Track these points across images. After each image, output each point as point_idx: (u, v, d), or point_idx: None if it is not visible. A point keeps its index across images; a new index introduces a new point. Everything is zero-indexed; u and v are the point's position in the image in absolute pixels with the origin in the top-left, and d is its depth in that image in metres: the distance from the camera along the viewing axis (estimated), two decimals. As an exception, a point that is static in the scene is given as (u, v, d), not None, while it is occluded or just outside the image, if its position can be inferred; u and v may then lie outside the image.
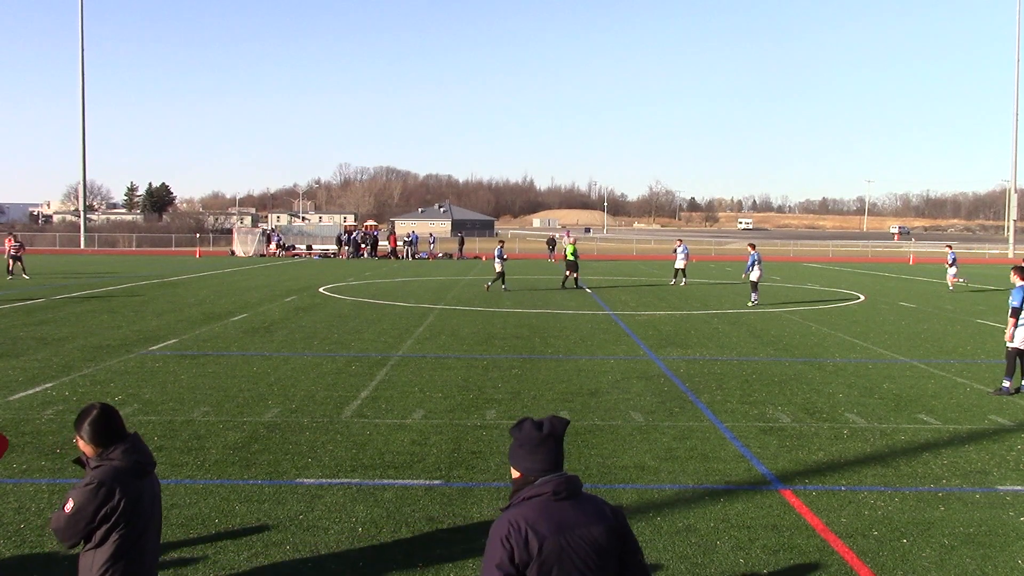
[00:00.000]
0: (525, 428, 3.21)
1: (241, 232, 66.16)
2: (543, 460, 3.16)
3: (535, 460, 3.16)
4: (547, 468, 3.16)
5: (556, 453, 3.17)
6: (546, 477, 3.14)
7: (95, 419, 3.83)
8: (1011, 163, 74.99)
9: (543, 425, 3.20)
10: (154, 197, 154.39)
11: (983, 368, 14.10)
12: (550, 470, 3.16)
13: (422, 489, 7.42)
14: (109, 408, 3.89)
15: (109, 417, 3.87)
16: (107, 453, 3.83)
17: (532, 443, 3.17)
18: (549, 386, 11.96)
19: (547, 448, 3.16)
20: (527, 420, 3.26)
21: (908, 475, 8.05)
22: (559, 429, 3.20)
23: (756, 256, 25.17)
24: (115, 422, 3.88)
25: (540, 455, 3.16)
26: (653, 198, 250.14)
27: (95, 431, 3.82)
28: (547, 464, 3.16)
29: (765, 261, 33.09)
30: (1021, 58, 72.33)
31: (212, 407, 10.46)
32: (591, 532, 3.08)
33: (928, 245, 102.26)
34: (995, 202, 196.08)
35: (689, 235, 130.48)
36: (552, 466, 3.16)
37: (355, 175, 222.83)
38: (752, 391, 11.83)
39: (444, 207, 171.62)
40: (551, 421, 3.22)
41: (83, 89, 74.56)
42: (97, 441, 3.83)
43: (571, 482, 3.15)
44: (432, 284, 31.95)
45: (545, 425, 3.20)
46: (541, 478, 3.14)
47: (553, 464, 3.17)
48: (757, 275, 24.80)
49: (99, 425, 3.83)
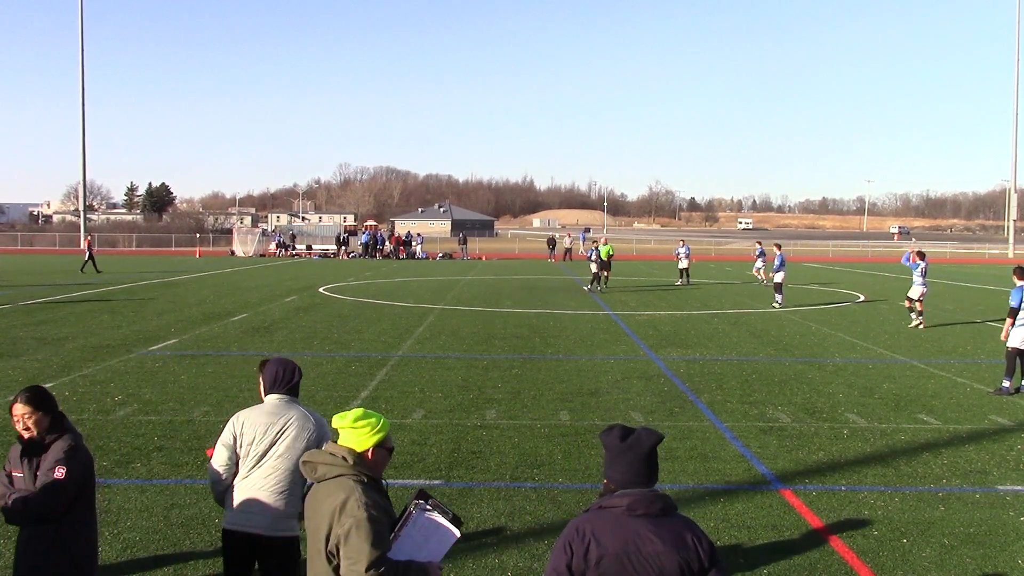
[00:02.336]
0: (612, 435, 3.08)
1: (241, 232, 66.18)
2: (625, 472, 3.02)
3: (616, 470, 3.03)
4: (629, 480, 3.01)
5: (640, 466, 3.01)
6: (628, 491, 2.99)
7: (47, 393, 4.15)
8: (1011, 163, 75.06)
9: (629, 435, 3.07)
10: (154, 197, 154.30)
11: (983, 368, 14.11)
12: (634, 483, 3.01)
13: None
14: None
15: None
16: (64, 421, 4.13)
17: (614, 452, 3.04)
18: (549, 386, 11.97)
19: (629, 460, 3.01)
20: (617, 427, 3.12)
21: (908, 475, 8.06)
22: (646, 443, 3.03)
23: (782, 257, 25.02)
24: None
25: (621, 465, 3.02)
26: (653, 198, 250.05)
27: (52, 403, 4.13)
28: (629, 476, 3.01)
29: (764, 261, 33.06)
30: (1021, 58, 72.36)
31: (212, 407, 10.47)
32: (660, 559, 2.90)
33: (928, 245, 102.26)
34: (995, 202, 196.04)
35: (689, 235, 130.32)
36: (636, 479, 3.01)
37: (355, 175, 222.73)
38: (752, 391, 11.83)
39: (444, 207, 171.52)
40: (639, 433, 3.07)
41: (83, 89, 74.53)
42: (55, 411, 4.13)
43: (652, 500, 2.98)
44: (432, 284, 31.96)
45: (631, 436, 3.06)
46: (622, 490, 3.01)
47: (637, 477, 3.01)
48: (782, 277, 24.67)
49: (52, 398, 4.17)
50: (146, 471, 7.87)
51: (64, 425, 4.11)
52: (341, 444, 3.45)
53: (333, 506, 3.30)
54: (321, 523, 3.34)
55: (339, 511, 3.28)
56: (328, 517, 3.31)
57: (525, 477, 7.83)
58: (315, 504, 3.41)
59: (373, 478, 3.42)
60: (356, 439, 3.43)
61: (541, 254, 61.50)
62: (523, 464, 8.21)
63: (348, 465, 3.38)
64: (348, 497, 3.29)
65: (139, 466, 8.02)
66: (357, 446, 3.42)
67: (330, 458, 3.43)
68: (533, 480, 7.74)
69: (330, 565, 3.32)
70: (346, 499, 3.29)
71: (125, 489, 7.35)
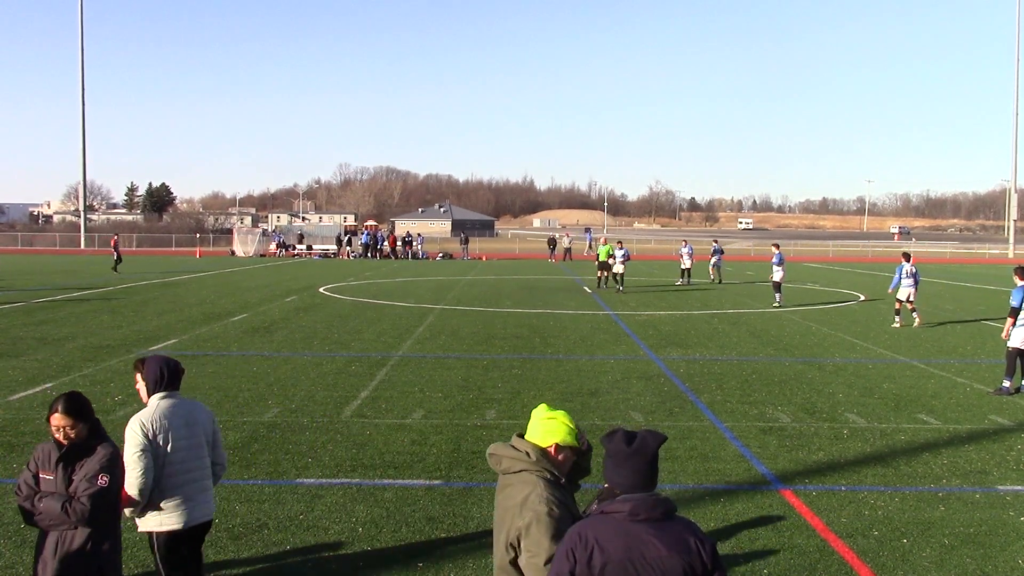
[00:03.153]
0: (615, 440, 3.06)
1: (241, 232, 66.19)
2: (628, 476, 2.99)
3: (620, 475, 3.00)
4: (634, 485, 2.99)
5: (645, 470, 2.99)
6: (629, 495, 2.98)
7: (84, 401, 4.19)
8: (1011, 163, 75.06)
9: (634, 439, 3.04)
10: (154, 197, 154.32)
11: (983, 368, 14.11)
12: (637, 487, 2.99)
13: (422, 489, 7.43)
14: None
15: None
16: (100, 428, 4.19)
17: (619, 456, 3.02)
18: (549, 386, 11.97)
19: (634, 464, 3.00)
20: (619, 431, 3.11)
21: (908, 475, 8.06)
22: (651, 446, 3.03)
23: (780, 256, 25.28)
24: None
25: (626, 470, 3.00)
26: (653, 198, 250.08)
27: (90, 410, 4.16)
28: (633, 480, 2.99)
29: (765, 261, 33.07)
30: (1021, 58, 72.38)
31: (212, 407, 10.43)
32: (663, 563, 2.89)
33: (928, 245, 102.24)
34: (995, 202, 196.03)
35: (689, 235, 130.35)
36: (640, 483, 3.00)
37: (355, 175, 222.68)
38: (752, 391, 11.83)
39: (444, 207, 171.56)
40: (643, 436, 3.05)
41: (83, 89, 74.60)
42: (92, 418, 4.17)
43: (655, 504, 2.97)
44: (432, 284, 31.96)
45: (636, 440, 3.03)
46: (624, 495, 2.99)
47: (641, 481, 3.00)
48: (780, 275, 24.80)
49: (90, 406, 4.21)
50: (146, 471, 7.86)
51: (101, 432, 4.18)
52: (527, 439, 3.55)
53: (516, 500, 3.41)
54: (505, 515, 3.46)
55: (520, 506, 3.38)
56: (511, 510, 3.42)
57: (525, 477, 7.82)
58: (501, 496, 3.54)
59: (556, 475, 3.48)
60: (540, 434, 3.53)
61: (541, 254, 61.51)
62: (523, 464, 8.20)
63: (530, 461, 3.47)
64: (530, 492, 3.38)
65: (139, 466, 8.01)
66: (540, 441, 3.51)
67: (514, 452, 3.52)
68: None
69: (510, 556, 3.41)
70: (528, 494, 3.38)
71: (125, 489, 7.34)
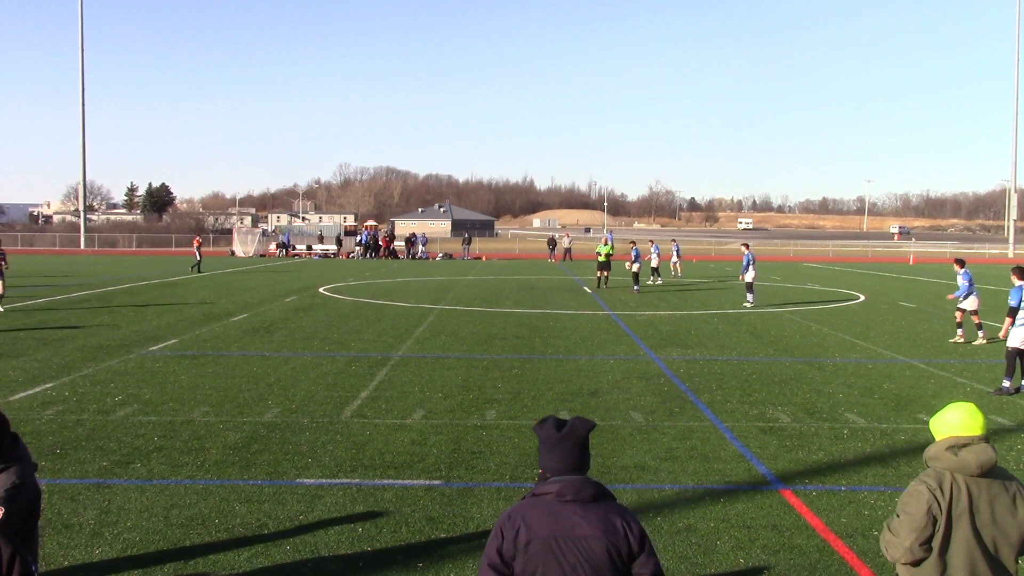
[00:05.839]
0: (547, 426, 3.23)
1: (241, 232, 66.19)
2: (559, 460, 3.17)
3: (552, 459, 3.18)
4: (564, 469, 3.16)
5: (575, 455, 3.17)
6: (559, 478, 3.14)
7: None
8: (1011, 163, 75.09)
9: (564, 425, 3.21)
10: (154, 197, 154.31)
11: (983, 368, 14.10)
12: (567, 471, 3.15)
13: (422, 489, 7.42)
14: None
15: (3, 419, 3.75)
16: (16, 447, 3.70)
17: (550, 442, 3.19)
18: (549, 386, 11.96)
19: (564, 449, 3.16)
20: (551, 418, 3.27)
21: (908, 475, 8.05)
22: (580, 431, 3.19)
23: (750, 256, 24.70)
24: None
25: (557, 455, 3.17)
26: (653, 198, 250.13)
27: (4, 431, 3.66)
28: (563, 464, 3.16)
29: (764, 261, 33.06)
30: (1021, 58, 72.37)
31: (212, 407, 10.46)
32: (587, 542, 3.03)
33: (928, 245, 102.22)
34: (995, 202, 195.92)
35: (689, 235, 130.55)
36: (569, 467, 3.16)
37: (355, 175, 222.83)
38: (752, 391, 11.83)
39: (444, 207, 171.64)
40: (573, 423, 3.23)
41: (83, 89, 74.59)
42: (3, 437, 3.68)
43: (581, 486, 3.12)
44: (432, 284, 31.96)
45: (566, 426, 3.21)
46: (555, 477, 3.15)
47: (570, 465, 3.16)
48: (752, 276, 24.48)
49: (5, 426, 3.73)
50: (146, 471, 7.87)
51: (12, 454, 3.57)
52: None
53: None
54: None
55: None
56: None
57: (525, 477, 7.83)
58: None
59: None
60: None
61: (541, 254, 61.49)
62: (523, 464, 8.21)
63: None
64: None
65: (139, 466, 8.02)
66: None
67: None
68: (533, 480, 7.73)
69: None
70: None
71: (125, 489, 7.34)
